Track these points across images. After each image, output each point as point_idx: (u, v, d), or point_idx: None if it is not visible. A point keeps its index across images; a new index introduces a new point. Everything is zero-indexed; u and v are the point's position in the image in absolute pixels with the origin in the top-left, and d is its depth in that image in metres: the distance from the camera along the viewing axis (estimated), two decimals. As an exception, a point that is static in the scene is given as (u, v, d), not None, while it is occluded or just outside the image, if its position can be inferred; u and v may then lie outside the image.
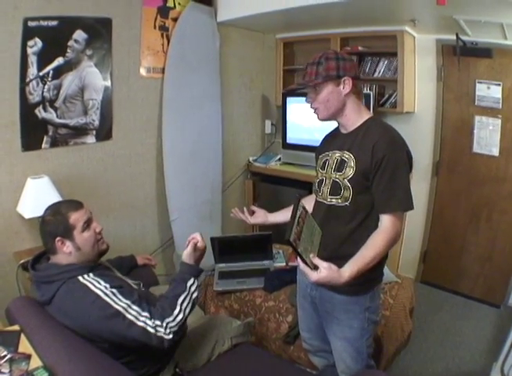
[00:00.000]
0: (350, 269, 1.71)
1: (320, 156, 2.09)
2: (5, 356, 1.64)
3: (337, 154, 1.95)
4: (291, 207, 1.73)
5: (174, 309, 1.91)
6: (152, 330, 1.81)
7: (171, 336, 1.84)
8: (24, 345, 1.74)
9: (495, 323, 3.68)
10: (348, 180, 1.87)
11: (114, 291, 1.87)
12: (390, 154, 1.78)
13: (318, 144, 2.23)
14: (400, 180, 1.80)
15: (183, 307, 1.93)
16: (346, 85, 1.86)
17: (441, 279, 4.30)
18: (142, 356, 2.02)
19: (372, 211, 1.89)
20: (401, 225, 1.85)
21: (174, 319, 1.88)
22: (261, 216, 2.44)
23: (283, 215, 2.33)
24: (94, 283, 1.87)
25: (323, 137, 2.21)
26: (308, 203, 1.99)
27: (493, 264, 3.95)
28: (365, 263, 1.75)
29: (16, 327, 1.86)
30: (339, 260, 1.85)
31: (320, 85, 1.88)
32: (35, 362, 1.64)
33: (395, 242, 1.84)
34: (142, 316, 1.83)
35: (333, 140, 2.06)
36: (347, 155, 1.89)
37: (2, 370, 1.56)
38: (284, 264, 3.40)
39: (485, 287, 4.04)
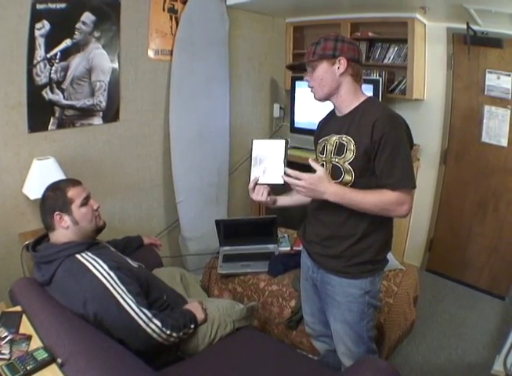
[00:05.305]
0: (339, 187, 1.81)
1: (319, 141, 2.10)
2: (5, 336, 1.66)
3: (335, 138, 1.95)
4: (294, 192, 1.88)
5: (181, 329, 2.09)
6: (147, 328, 1.94)
7: (173, 337, 2.04)
8: (25, 326, 1.76)
9: (500, 315, 3.67)
10: (350, 164, 1.87)
11: (112, 274, 1.91)
12: (389, 132, 1.77)
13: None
14: (401, 158, 1.79)
15: (180, 334, 2.10)
16: (341, 65, 1.87)
17: (447, 268, 4.30)
18: None
19: None
20: (408, 202, 1.83)
21: (177, 334, 2.07)
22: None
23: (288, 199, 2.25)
24: (92, 263, 1.90)
25: (318, 122, 2.22)
26: None
27: (499, 255, 3.93)
28: (354, 197, 1.80)
29: (18, 308, 1.88)
30: (340, 239, 1.94)
31: (315, 63, 1.91)
32: (35, 343, 1.66)
33: (391, 212, 1.85)
34: (135, 307, 1.91)
35: (329, 124, 2.08)
36: (345, 138, 1.90)
37: (2, 351, 1.58)
38: (289, 248, 3.41)
39: (490, 278, 4.03)
